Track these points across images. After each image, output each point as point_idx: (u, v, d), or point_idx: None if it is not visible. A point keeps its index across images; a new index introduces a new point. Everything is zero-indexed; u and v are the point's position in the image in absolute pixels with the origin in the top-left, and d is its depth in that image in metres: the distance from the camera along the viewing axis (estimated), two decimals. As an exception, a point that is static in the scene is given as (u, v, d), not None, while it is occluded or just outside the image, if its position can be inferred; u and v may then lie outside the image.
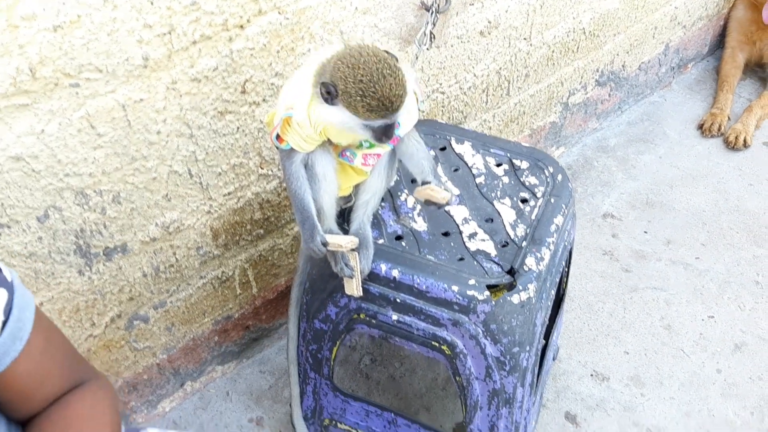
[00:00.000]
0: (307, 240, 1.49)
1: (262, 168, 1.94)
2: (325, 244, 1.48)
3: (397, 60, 1.34)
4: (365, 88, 1.29)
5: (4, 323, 1.01)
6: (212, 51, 1.65)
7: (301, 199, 1.49)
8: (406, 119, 1.46)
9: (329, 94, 1.32)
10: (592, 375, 2.30)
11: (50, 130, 1.49)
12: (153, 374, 2.07)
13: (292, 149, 1.45)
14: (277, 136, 1.44)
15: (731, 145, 3.08)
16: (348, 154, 1.50)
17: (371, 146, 1.50)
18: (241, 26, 1.67)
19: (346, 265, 1.53)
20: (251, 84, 1.77)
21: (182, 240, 1.88)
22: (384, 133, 1.37)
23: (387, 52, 1.35)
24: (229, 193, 1.91)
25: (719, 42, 3.57)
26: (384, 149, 1.52)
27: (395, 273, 1.56)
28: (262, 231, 2.06)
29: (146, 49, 1.54)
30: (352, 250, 1.52)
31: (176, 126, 1.69)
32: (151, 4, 1.49)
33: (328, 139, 1.47)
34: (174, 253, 1.89)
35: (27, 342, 1.04)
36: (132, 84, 1.56)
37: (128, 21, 1.48)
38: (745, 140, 3.08)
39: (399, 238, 1.64)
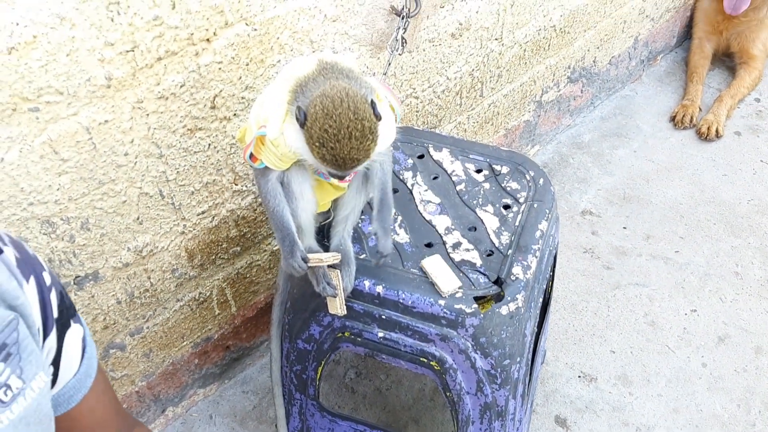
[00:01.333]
0: (287, 257, 1.44)
1: (236, 184, 1.88)
2: (306, 260, 1.44)
3: (379, 119, 1.29)
4: (326, 140, 1.25)
5: (81, 358, 1.02)
6: (179, 67, 1.59)
7: (280, 216, 1.44)
8: (377, 159, 1.42)
9: (298, 120, 1.28)
10: (579, 376, 2.28)
11: (10, 158, 1.41)
12: (132, 402, 1.99)
13: (267, 167, 1.40)
14: (251, 155, 1.38)
15: (704, 136, 3.10)
16: (323, 171, 1.45)
17: None
18: (208, 40, 1.61)
19: (328, 284, 1.48)
20: (221, 99, 1.71)
21: (156, 263, 1.81)
22: (335, 177, 1.36)
23: (373, 105, 1.28)
24: (202, 212, 1.84)
25: (687, 33, 3.59)
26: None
27: (379, 289, 1.52)
28: (238, 248, 2.00)
29: (109, 68, 1.47)
30: (333, 267, 1.48)
31: (145, 146, 1.62)
32: (112, 21, 1.43)
33: None
34: (148, 277, 1.82)
35: (94, 379, 1.05)
36: (96, 105, 1.49)
37: (88, 39, 1.41)
38: (717, 130, 3.09)
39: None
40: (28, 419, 0.86)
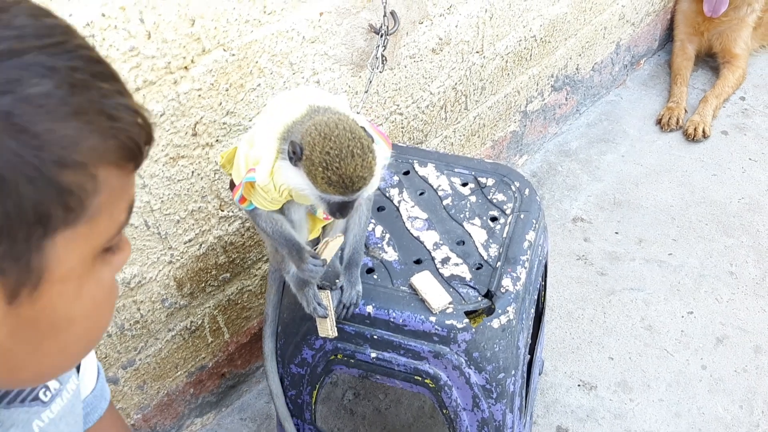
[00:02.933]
0: (300, 264, 1.41)
1: (222, 210, 1.87)
2: (315, 256, 1.41)
3: (372, 141, 1.29)
4: (330, 162, 1.22)
5: (97, 377, 1.04)
6: (157, 96, 1.58)
7: (281, 233, 1.43)
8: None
9: (294, 154, 1.25)
10: (579, 385, 2.26)
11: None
12: (128, 435, 1.97)
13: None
14: (241, 197, 1.38)
15: (691, 137, 3.10)
16: (311, 206, 1.45)
17: None
18: (186, 67, 1.61)
19: (319, 304, 1.47)
20: (202, 126, 1.70)
21: (145, 294, 1.80)
22: (339, 209, 1.30)
23: (364, 130, 1.29)
24: (189, 240, 1.83)
25: (669, 36, 3.61)
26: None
27: (369, 309, 1.51)
28: (228, 275, 1.99)
29: (87, 102, 1.46)
30: (323, 288, 1.47)
31: (127, 177, 1.61)
32: (88, 54, 1.42)
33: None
34: (138, 309, 1.80)
35: (108, 405, 1.06)
36: (75, 139, 1.48)
37: (65, 74, 1.41)
38: (704, 131, 3.10)
39: (370, 271, 1.59)
40: (66, 418, 0.91)
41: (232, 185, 1.48)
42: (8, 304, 0.61)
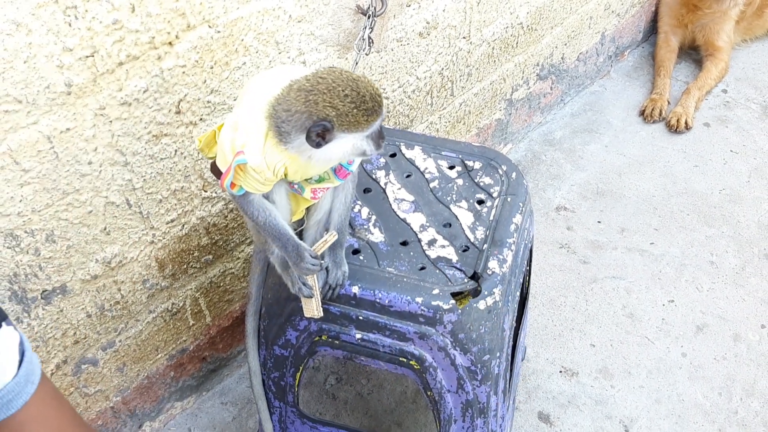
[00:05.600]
0: (297, 262, 1.40)
1: (205, 191, 1.84)
2: (315, 256, 1.40)
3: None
4: (355, 97, 1.25)
5: (20, 363, 1.03)
6: (141, 71, 1.55)
7: (274, 226, 1.40)
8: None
9: (326, 131, 1.25)
10: (561, 371, 2.27)
11: (-32, 170, 1.37)
12: (108, 419, 1.94)
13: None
14: (230, 182, 1.34)
15: (673, 129, 3.12)
16: (296, 187, 1.42)
17: (320, 180, 1.42)
18: (170, 43, 1.58)
19: (304, 284, 1.45)
20: (186, 103, 1.67)
21: (126, 274, 1.77)
22: (380, 136, 1.33)
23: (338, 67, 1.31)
24: (172, 221, 1.80)
25: (653, 28, 3.63)
26: (333, 184, 1.44)
27: (355, 289, 1.49)
28: (210, 257, 1.96)
29: (68, 75, 1.43)
30: None
31: (109, 154, 1.58)
32: (69, 25, 1.39)
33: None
34: (119, 289, 1.77)
35: (37, 388, 1.05)
36: (56, 113, 1.45)
37: (46, 45, 1.38)
38: (686, 122, 3.12)
39: (356, 252, 1.57)
40: None
41: (214, 169, 1.44)
42: None
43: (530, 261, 1.94)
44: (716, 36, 3.36)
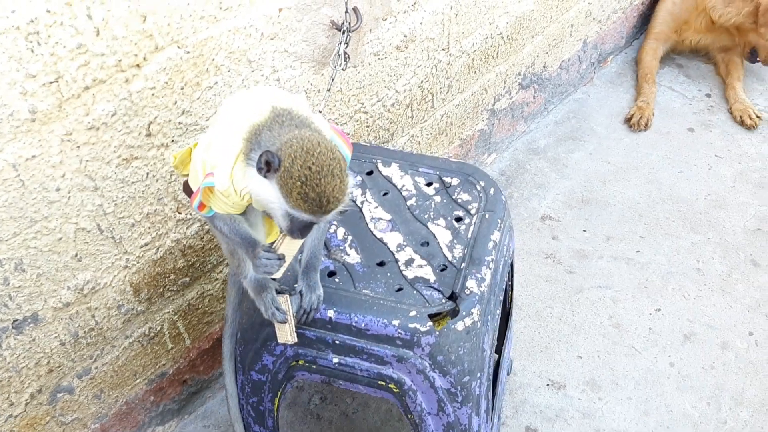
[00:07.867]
0: (253, 260, 1.36)
1: (179, 212, 1.81)
2: (270, 250, 1.35)
3: (347, 165, 1.26)
4: (310, 177, 1.19)
5: None
6: (108, 95, 1.52)
7: (237, 231, 1.38)
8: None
9: (268, 165, 1.20)
10: (548, 384, 2.25)
11: (-70, 202, 1.34)
12: (85, 447, 1.91)
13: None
14: (199, 203, 1.32)
15: (746, 125, 3.14)
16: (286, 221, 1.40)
17: None
18: (138, 65, 1.55)
19: (278, 309, 1.43)
20: (156, 125, 1.65)
21: (100, 300, 1.73)
22: (300, 229, 1.27)
23: (340, 152, 1.27)
24: (146, 244, 1.77)
25: (636, 33, 3.61)
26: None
27: (330, 313, 1.47)
28: (187, 279, 1.93)
29: (32, 101, 1.40)
30: (282, 293, 1.42)
31: (77, 180, 1.55)
32: (32, 51, 1.36)
33: None
34: (93, 316, 1.74)
35: None
36: (21, 140, 1.42)
37: (8, 72, 1.35)
38: (754, 116, 3.14)
39: (332, 274, 1.55)
40: None
41: (186, 188, 1.43)
42: None
43: (512, 276, 1.91)
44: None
